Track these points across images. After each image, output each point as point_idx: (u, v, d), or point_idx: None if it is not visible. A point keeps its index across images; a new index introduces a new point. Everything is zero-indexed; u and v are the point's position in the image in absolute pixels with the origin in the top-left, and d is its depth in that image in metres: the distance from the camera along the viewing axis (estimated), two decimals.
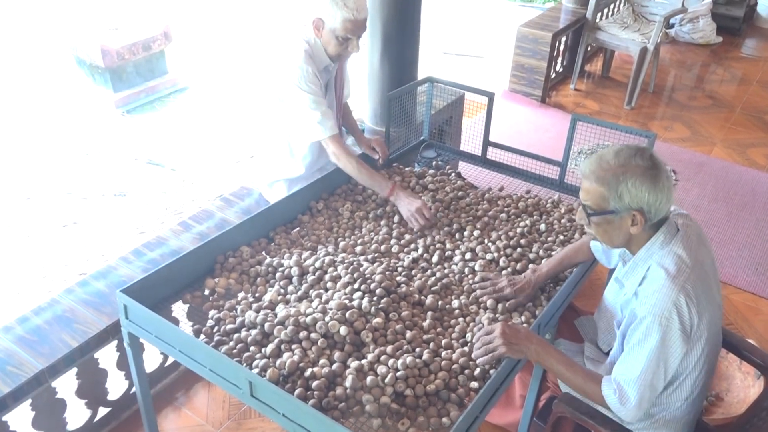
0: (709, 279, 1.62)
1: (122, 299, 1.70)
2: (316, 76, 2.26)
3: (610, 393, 1.58)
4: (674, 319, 1.51)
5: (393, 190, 2.25)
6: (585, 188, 1.61)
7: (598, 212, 1.59)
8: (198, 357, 1.61)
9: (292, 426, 1.46)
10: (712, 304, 1.61)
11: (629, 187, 1.52)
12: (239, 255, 1.99)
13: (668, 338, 1.52)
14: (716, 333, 1.68)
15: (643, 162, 1.53)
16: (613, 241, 1.64)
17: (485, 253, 2.07)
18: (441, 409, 1.54)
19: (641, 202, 1.53)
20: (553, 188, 2.59)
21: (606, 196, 1.55)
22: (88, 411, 2.22)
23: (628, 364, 1.57)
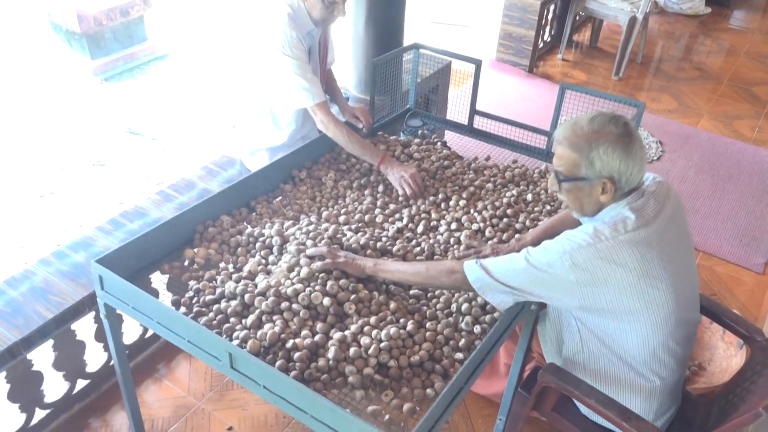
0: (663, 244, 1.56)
1: (97, 270, 1.65)
2: (300, 41, 2.18)
3: (472, 263, 1.59)
4: (568, 258, 1.49)
5: (384, 158, 2.20)
6: (558, 154, 1.58)
7: (570, 178, 1.56)
8: (176, 329, 1.56)
9: (273, 398, 1.43)
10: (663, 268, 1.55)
11: (601, 154, 1.50)
12: (219, 225, 1.94)
13: (556, 267, 1.50)
14: (680, 297, 1.62)
15: (617, 129, 1.51)
16: (583, 208, 1.61)
17: (471, 224, 2.04)
18: (425, 380, 1.52)
19: (612, 170, 1.51)
20: (540, 158, 2.55)
21: (578, 162, 1.53)
22: (66, 383, 2.18)
23: (512, 255, 1.59)
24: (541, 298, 1.58)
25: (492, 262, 1.59)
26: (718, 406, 1.77)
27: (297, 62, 2.18)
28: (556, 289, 1.54)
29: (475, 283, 1.59)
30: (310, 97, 2.20)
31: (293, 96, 2.22)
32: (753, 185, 3.80)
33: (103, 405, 2.27)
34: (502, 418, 2.22)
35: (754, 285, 3.08)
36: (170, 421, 2.24)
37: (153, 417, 2.25)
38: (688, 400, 1.86)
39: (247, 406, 2.30)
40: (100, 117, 4.61)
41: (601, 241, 1.51)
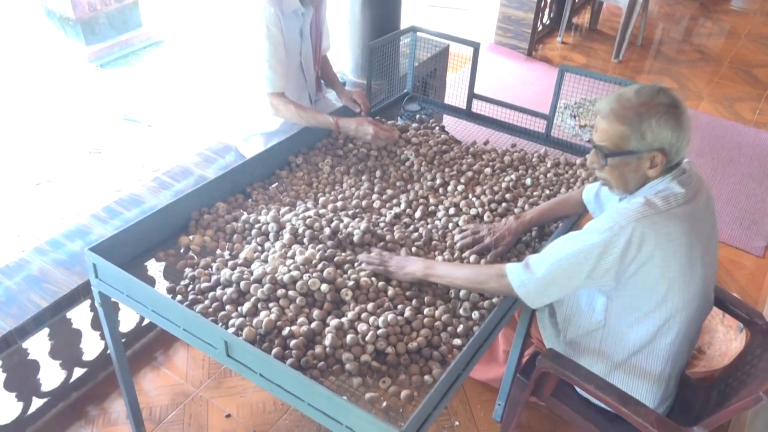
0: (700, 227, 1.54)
1: (91, 258, 1.63)
2: (278, 18, 2.15)
3: (514, 266, 1.55)
4: (626, 232, 1.45)
5: (338, 121, 2.22)
6: (602, 129, 1.52)
7: (616, 153, 1.51)
8: (171, 317, 1.55)
9: (269, 386, 1.42)
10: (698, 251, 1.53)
11: (653, 126, 1.44)
12: (215, 211, 1.92)
13: (610, 246, 1.46)
14: (704, 283, 1.62)
15: (667, 99, 1.46)
16: (628, 184, 1.56)
17: (469, 208, 2.02)
18: (423, 367, 1.50)
19: (664, 142, 1.46)
20: (540, 142, 2.53)
21: (627, 135, 1.48)
22: (63, 372, 2.17)
23: (554, 245, 1.54)
24: (582, 284, 1.52)
25: (534, 259, 1.54)
26: (718, 390, 1.75)
27: (268, 46, 2.15)
28: (602, 268, 1.49)
29: (519, 288, 1.54)
30: (269, 85, 2.22)
31: (256, 79, 2.21)
32: (753, 168, 3.77)
33: (101, 393, 2.27)
34: (501, 404, 2.22)
35: (754, 268, 3.07)
36: (168, 408, 2.23)
37: (151, 405, 2.24)
38: (687, 384, 1.85)
39: (246, 393, 2.29)
40: (96, 104, 4.58)
41: (656, 213, 1.46)
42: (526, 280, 1.53)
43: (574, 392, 1.83)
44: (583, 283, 1.53)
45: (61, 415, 2.18)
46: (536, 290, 1.54)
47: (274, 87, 2.24)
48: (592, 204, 1.89)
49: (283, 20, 2.19)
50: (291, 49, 2.31)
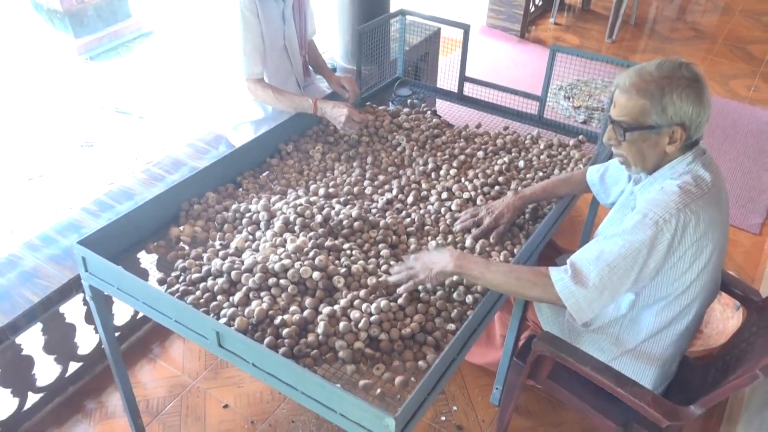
0: (724, 211, 1.54)
1: (80, 251, 1.61)
2: (254, 3, 2.14)
3: (561, 275, 1.46)
4: (671, 225, 1.41)
5: (316, 105, 2.20)
6: (621, 103, 1.49)
7: (635, 127, 1.47)
8: (163, 309, 1.53)
9: (262, 375, 1.41)
10: (721, 236, 1.52)
11: (674, 99, 1.41)
12: (205, 201, 1.90)
13: (657, 243, 1.42)
14: (717, 268, 1.61)
15: (688, 74, 1.42)
16: (645, 161, 1.53)
17: (462, 192, 2.00)
18: (417, 353, 1.49)
19: (685, 116, 1.42)
20: (532, 124, 2.51)
21: (648, 109, 1.44)
22: (58, 366, 2.17)
23: (597, 248, 1.46)
24: (630, 288, 1.47)
25: (579, 263, 1.45)
26: (715, 369, 1.75)
27: (243, 31, 2.15)
28: (650, 267, 1.44)
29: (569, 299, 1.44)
30: (245, 71, 2.23)
31: (234, 66, 2.23)
32: (749, 146, 3.75)
33: (98, 386, 2.26)
34: (499, 387, 2.22)
35: (750, 246, 3.06)
36: (165, 400, 2.23)
37: (148, 397, 2.24)
38: (685, 362, 1.85)
39: (243, 383, 2.29)
40: (87, 97, 4.54)
41: (694, 200, 1.43)
42: (576, 291, 1.44)
43: (571, 374, 1.82)
44: (631, 287, 1.48)
45: (58, 410, 2.18)
46: (587, 301, 1.45)
47: (250, 72, 2.25)
48: (597, 186, 1.87)
49: (261, 5, 2.18)
50: (273, 33, 2.28)
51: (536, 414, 2.23)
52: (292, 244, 1.66)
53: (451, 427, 2.17)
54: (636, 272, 1.45)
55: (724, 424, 2.08)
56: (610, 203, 1.87)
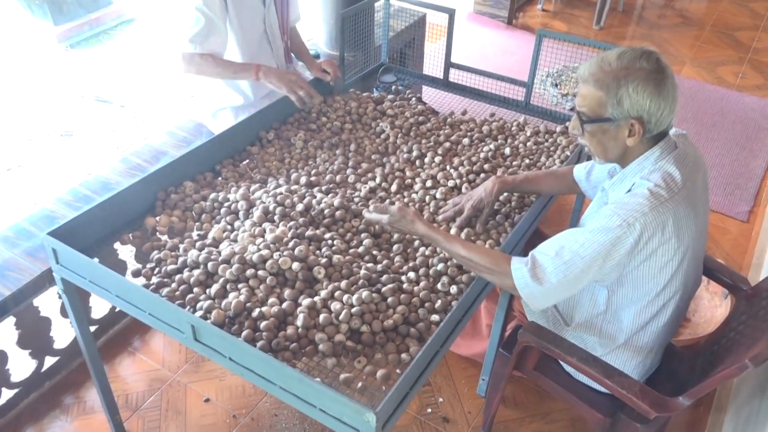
0: (697, 206, 1.50)
1: (50, 243, 1.55)
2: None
3: (520, 267, 1.44)
4: (635, 229, 1.38)
5: (258, 69, 2.13)
6: (582, 93, 1.45)
7: (594, 119, 1.44)
8: (136, 302, 1.48)
9: (239, 369, 1.36)
10: (694, 231, 1.49)
11: (630, 92, 1.37)
12: (182, 191, 1.85)
13: (618, 245, 1.39)
14: (696, 261, 1.59)
15: (648, 65, 1.37)
16: (606, 153, 1.49)
17: (447, 180, 1.96)
18: (400, 345, 1.45)
19: (641, 110, 1.38)
20: (519, 110, 2.47)
21: (604, 101, 1.40)
22: (33, 361, 2.11)
23: (558, 242, 1.44)
24: (587, 284, 1.46)
25: (539, 258, 1.44)
26: (703, 358, 1.73)
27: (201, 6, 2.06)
28: (608, 267, 1.42)
29: (523, 290, 1.45)
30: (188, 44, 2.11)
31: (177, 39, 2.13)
32: (737, 132, 3.73)
33: (76, 381, 2.21)
34: (485, 378, 2.18)
35: (738, 234, 3.04)
36: (145, 395, 2.18)
37: (127, 391, 2.19)
38: (672, 352, 1.82)
39: (225, 376, 2.24)
40: (67, 85, 4.44)
41: (661, 203, 1.39)
42: (531, 285, 1.44)
43: (558, 365, 1.79)
44: (588, 283, 1.46)
45: (35, 405, 2.12)
46: (542, 295, 1.45)
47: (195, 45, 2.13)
48: (584, 183, 1.82)
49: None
50: (252, 17, 2.22)
51: (523, 405, 2.20)
52: (272, 234, 1.61)
53: (437, 419, 2.14)
54: (593, 272, 1.43)
55: (713, 413, 2.07)
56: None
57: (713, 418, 2.03)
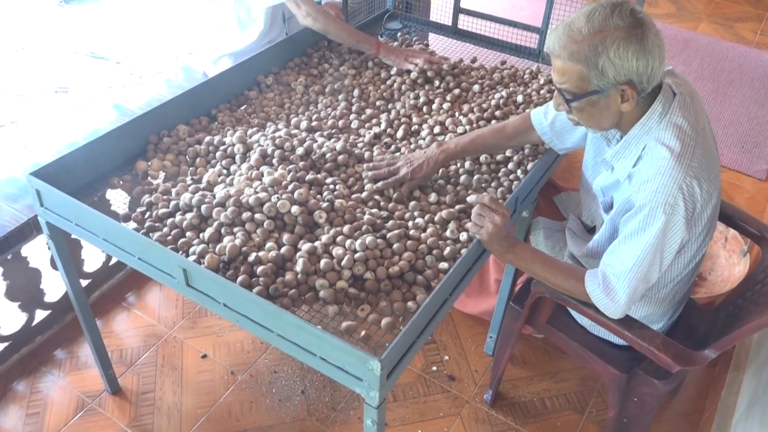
0: (711, 146, 1.39)
1: (34, 184, 1.46)
2: None
3: (595, 288, 1.38)
4: (680, 206, 1.27)
5: (380, 46, 2.07)
6: (558, 68, 1.30)
7: (579, 96, 1.30)
8: (125, 245, 1.39)
9: (234, 316, 1.27)
10: (716, 176, 1.39)
11: (611, 58, 1.22)
12: (175, 134, 1.74)
13: (671, 227, 1.29)
14: (716, 207, 1.48)
15: (623, 21, 1.21)
16: (602, 124, 1.36)
17: (456, 127, 1.85)
18: (406, 293, 1.36)
19: (629, 73, 1.24)
20: (531, 59, 2.34)
21: (585, 74, 1.25)
22: (23, 314, 2.03)
23: (620, 255, 1.34)
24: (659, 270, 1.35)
25: (611, 276, 1.35)
26: (726, 313, 1.64)
27: None
28: (673, 249, 1.33)
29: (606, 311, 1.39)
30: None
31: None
32: (755, 90, 3.60)
33: (68, 336, 2.13)
34: (493, 336, 2.10)
35: (755, 192, 2.93)
36: (140, 350, 2.10)
37: (122, 347, 2.11)
38: (691, 307, 1.73)
39: (222, 332, 2.16)
40: (61, 41, 4.30)
41: (687, 162, 1.28)
42: (609, 304, 1.37)
43: (571, 319, 1.70)
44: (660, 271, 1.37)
45: (26, 359, 2.05)
46: (621, 310, 1.38)
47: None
48: (548, 134, 1.63)
49: None
50: None
51: (532, 363, 2.12)
52: (270, 176, 1.51)
53: (443, 377, 2.06)
54: (659, 264, 1.34)
55: (731, 372, 1.98)
56: (567, 149, 1.66)
57: (732, 377, 1.95)
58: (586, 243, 1.61)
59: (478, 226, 1.40)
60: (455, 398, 2.01)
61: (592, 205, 1.66)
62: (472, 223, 1.42)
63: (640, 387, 1.57)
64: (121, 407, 1.94)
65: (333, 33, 2.09)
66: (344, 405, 1.96)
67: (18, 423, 1.89)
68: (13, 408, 1.93)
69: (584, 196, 1.70)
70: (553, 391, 2.04)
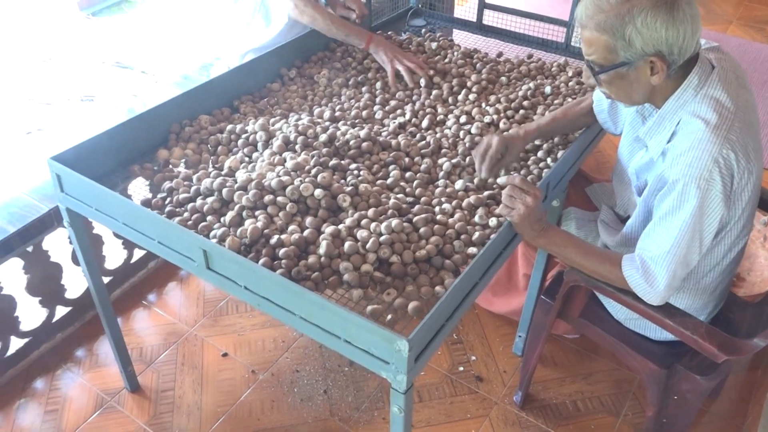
0: (754, 123, 1.32)
1: (55, 168, 1.44)
2: None
3: (633, 272, 1.31)
4: (716, 180, 1.21)
5: (371, 39, 1.98)
6: (586, 39, 1.26)
7: (606, 68, 1.25)
8: (144, 229, 1.36)
9: (255, 299, 1.23)
10: (758, 154, 1.32)
11: (639, 28, 1.17)
12: (197, 124, 1.72)
13: (707, 203, 1.22)
14: (757, 189, 1.41)
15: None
16: (632, 97, 1.31)
17: (483, 116, 1.80)
18: (434, 278, 1.30)
19: (658, 44, 1.19)
20: (559, 52, 2.29)
21: (612, 45, 1.21)
22: (44, 310, 2.01)
23: (657, 238, 1.28)
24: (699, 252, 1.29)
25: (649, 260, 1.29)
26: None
27: None
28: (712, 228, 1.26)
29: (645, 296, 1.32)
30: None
31: None
32: None
33: (89, 334, 2.10)
34: (522, 335, 2.03)
35: None
36: (160, 348, 2.06)
37: (142, 345, 2.07)
38: (734, 302, 1.65)
39: (244, 331, 2.12)
40: (88, 52, 4.36)
41: (725, 136, 1.21)
42: (649, 290, 1.31)
43: (606, 313, 1.63)
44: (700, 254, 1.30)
45: (46, 357, 2.02)
46: (661, 296, 1.32)
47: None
48: (605, 114, 1.59)
49: None
50: None
51: (563, 364, 2.04)
52: (292, 161, 1.47)
53: (470, 378, 1.99)
54: (698, 245, 1.27)
55: None
56: (619, 133, 1.60)
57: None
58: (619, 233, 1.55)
59: (509, 207, 1.34)
60: (483, 399, 1.93)
61: (625, 193, 1.59)
62: (503, 205, 1.36)
63: (680, 384, 1.49)
64: (140, 405, 1.89)
65: (320, 25, 2.01)
66: (368, 405, 1.90)
67: (36, 420, 1.85)
68: (32, 405, 1.90)
69: (618, 185, 1.63)
70: (586, 393, 1.95)
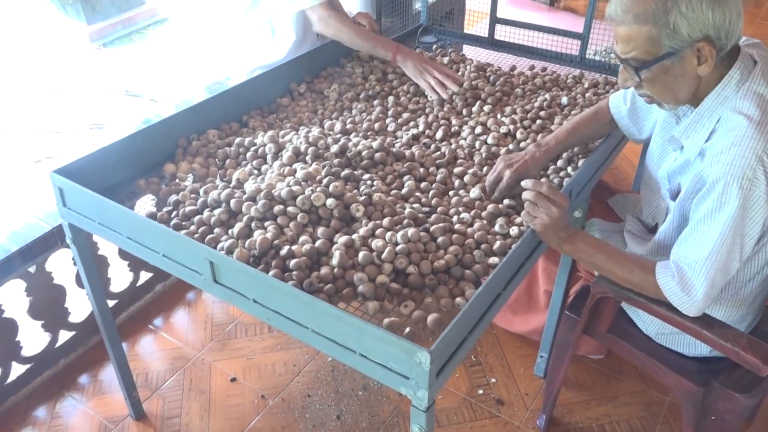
0: None
1: (57, 182, 1.39)
2: None
3: (668, 280, 1.22)
4: (760, 179, 1.13)
5: (398, 50, 1.94)
6: (622, 36, 1.19)
7: (650, 62, 1.18)
8: (148, 242, 1.29)
9: (264, 313, 1.16)
10: None
11: (684, 12, 1.11)
12: (205, 138, 1.67)
13: (750, 204, 1.14)
14: None
15: None
16: (678, 94, 1.23)
17: (499, 127, 1.74)
18: (453, 289, 1.23)
19: (705, 27, 1.12)
20: (573, 65, 2.24)
21: (655, 36, 1.14)
22: (46, 335, 1.94)
23: (694, 242, 1.20)
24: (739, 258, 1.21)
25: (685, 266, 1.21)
26: None
27: None
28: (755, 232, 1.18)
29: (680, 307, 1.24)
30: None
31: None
32: None
33: (93, 360, 2.03)
34: (544, 355, 1.94)
35: None
36: (166, 374, 1.98)
37: (147, 370, 2.00)
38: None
39: (253, 355, 2.04)
40: (98, 81, 4.38)
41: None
42: (686, 299, 1.22)
43: (635, 328, 1.54)
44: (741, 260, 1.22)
45: (48, 383, 1.95)
46: (698, 307, 1.23)
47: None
48: (626, 119, 1.52)
49: None
50: None
51: (588, 387, 1.94)
52: (303, 171, 1.41)
53: (490, 401, 1.89)
54: (739, 251, 1.19)
55: None
56: (643, 139, 1.53)
57: None
58: (648, 243, 1.47)
59: (531, 216, 1.27)
60: (505, 423, 1.83)
61: (653, 200, 1.52)
62: (525, 212, 1.28)
63: (718, 403, 1.39)
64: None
65: (346, 38, 1.98)
66: (383, 431, 1.80)
67: None
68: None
69: (645, 192, 1.55)
70: (613, 416, 1.85)
